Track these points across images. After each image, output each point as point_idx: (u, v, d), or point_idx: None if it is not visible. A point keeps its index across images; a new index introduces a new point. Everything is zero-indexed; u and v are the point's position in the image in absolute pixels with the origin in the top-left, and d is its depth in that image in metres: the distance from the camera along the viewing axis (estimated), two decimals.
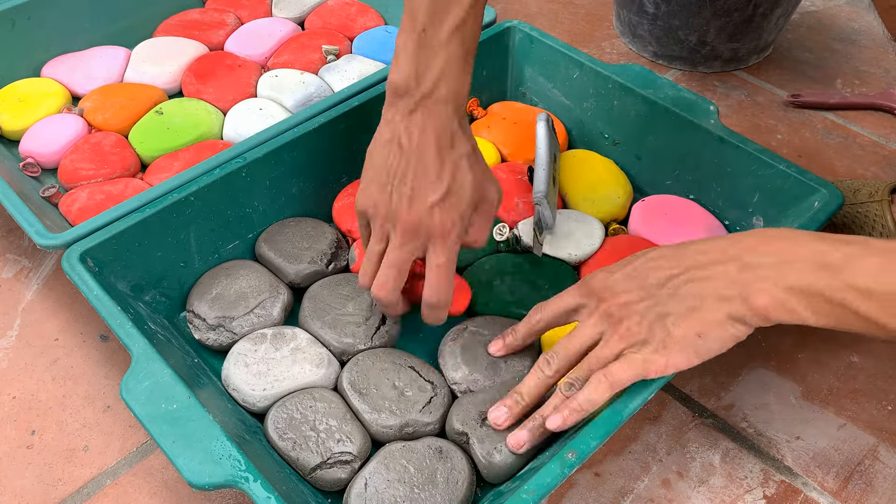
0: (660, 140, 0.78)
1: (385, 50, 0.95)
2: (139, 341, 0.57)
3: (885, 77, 1.02)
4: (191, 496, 0.62)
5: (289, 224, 0.75)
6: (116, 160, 0.81)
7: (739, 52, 1.01)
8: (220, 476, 0.50)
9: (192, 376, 0.59)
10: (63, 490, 0.62)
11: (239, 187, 0.71)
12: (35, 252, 0.80)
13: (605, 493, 0.61)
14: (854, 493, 0.61)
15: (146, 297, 0.68)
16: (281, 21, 1.00)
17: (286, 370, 0.63)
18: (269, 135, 0.73)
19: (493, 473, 0.57)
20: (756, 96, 0.99)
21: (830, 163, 0.90)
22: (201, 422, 0.53)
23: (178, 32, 0.98)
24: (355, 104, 0.76)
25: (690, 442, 0.65)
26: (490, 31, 0.84)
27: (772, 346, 0.71)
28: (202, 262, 0.71)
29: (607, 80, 0.79)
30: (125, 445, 0.65)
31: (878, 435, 0.65)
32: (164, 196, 0.68)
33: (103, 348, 0.72)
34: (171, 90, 0.93)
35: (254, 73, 0.92)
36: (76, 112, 0.88)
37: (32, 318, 0.74)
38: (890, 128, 0.94)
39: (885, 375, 0.69)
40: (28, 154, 0.83)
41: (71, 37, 0.95)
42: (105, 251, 0.64)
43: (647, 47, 1.04)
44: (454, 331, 0.66)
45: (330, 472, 0.57)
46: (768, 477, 0.62)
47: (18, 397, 0.68)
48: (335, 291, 0.69)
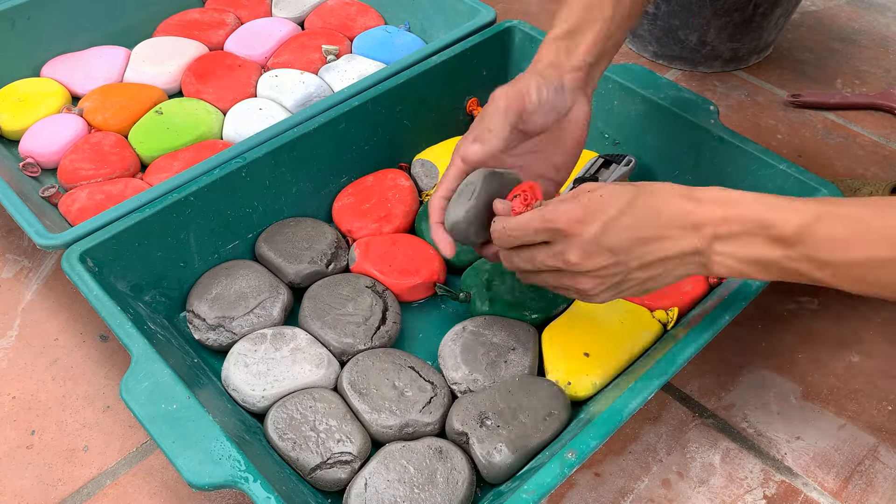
0: (660, 140, 0.78)
1: (385, 50, 0.95)
2: (139, 341, 0.57)
3: (885, 77, 1.02)
4: (191, 496, 0.62)
5: (289, 224, 0.75)
6: (116, 160, 0.81)
7: (739, 52, 1.01)
8: (220, 476, 0.50)
9: (192, 376, 0.59)
10: (63, 490, 0.62)
11: (239, 187, 0.71)
12: (35, 252, 0.80)
13: (605, 493, 0.61)
14: (854, 493, 0.61)
15: (146, 297, 0.68)
16: (281, 21, 1.00)
17: (286, 370, 0.63)
18: (269, 135, 0.73)
19: (492, 473, 0.57)
20: (756, 96, 0.99)
21: (830, 163, 0.90)
22: (201, 422, 0.53)
23: (178, 32, 0.98)
24: (355, 104, 0.76)
25: (690, 442, 0.65)
26: (490, 30, 0.84)
27: (772, 346, 0.71)
28: (202, 262, 0.71)
29: (607, 80, 0.79)
30: (125, 445, 0.65)
31: (878, 435, 0.65)
32: (164, 196, 0.68)
33: (103, 348, 0.72)
34: (171, 90, 0.93)
35: (254, 73, 0.92)
36: (76, 112, 0.88)
37: (32, 318, 0.74)
38: (890, 128, 0.94)
39: (885, 375, 0.69)
40: (28, 154, 0.83)
41: (71, 37, 0.95)
42: (105, 251, 0.64)
43: (647, 47, 1.04)
44: (454, 331, 0.66)
45: (330, 472, 0.57)
46: (768, 477, 0.62)
47: (18, 397, 0.68)
48: (335, 291, 0.69)
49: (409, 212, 0.77)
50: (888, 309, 0.74)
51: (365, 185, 0.79)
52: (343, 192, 0.79)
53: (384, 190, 0.78)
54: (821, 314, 0.74)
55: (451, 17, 0.91)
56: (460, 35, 0.84)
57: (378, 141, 0.80)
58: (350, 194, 0.78)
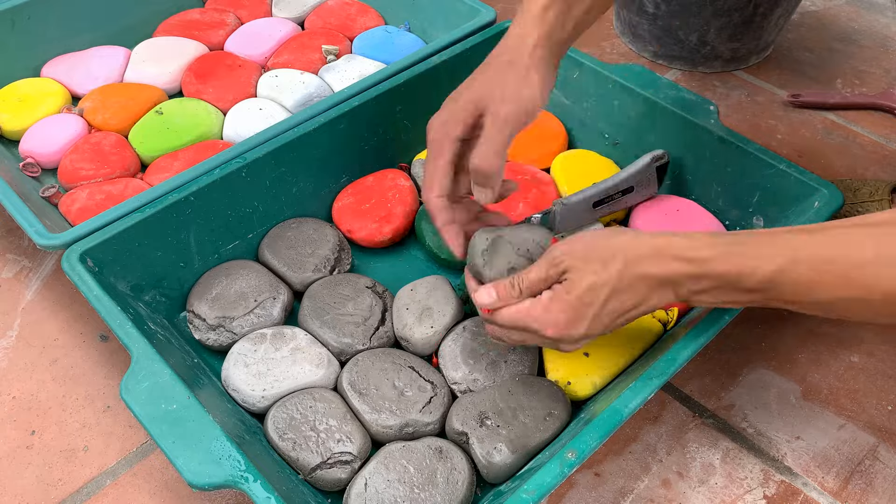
0: (660, 140, 0.78)
1: (385, 50, 0.95)
2: (139, 341, 0.57)
3: (885, 77, 1.02)
4: (191, 496, 0.62)
5: (290, 227, 0.74)
6: (116, 160, 0.81)
7: (739, 52, 1.01)
8: (220, 476, 0.50)
9: (192, 376, 0.59)
10: (63, 490, 0.62)
11: (239, 187, 0.71)
12: (35, 252, 0.80)
13: (605, 493, 0.61)
14: (854, 493, 0.61)
15: (146, 297, 0.68)
16: (281, 21, 1.00)
17: (286, 370, 0.63)
18: (269, 135, 0.73)
19: (492, 473, 0.57)
20: (756, 96, 0.99)
21: (830, 163, 0.90)
22: (201, 422, 0.53)
23: (178, 32, 0.98)
24: (355, 104, 0.76)
25: (690, 442, 0.65)
26: (490, 31, 0.84)
27: (772, 346, 0.71)
28: (202, 262, 0.71)
29: (607, 80, 0.79)
30: (125, 445, 0.65)
31: (878, 435, 0.65)
32: (164, 196, 0.68)
33: (103, 348, 0.72)
34: (171, 90, 0.93)
35: (254, 73, 0.92)
36: (76, 112, 0.88)
37: (32, 318, 0.74)
38: (890, 128, 0.94)
39: (885, 375, 0.69)
40: (28, 154, 0.83)
41: (71, 37, 0.95)
42: (105, 251, 0.64)
43: (647, 47, 1.04)
44: (455, 331, 0.66)
45: (330, 472, 0.57)
46: (768, 477, 0.62)
47: (18, 397, 0.68)
48: (335, 291, 0.69)
49: (409, 212, 0.77)
50: None
51: (365, 185, 0.79)
52: (343, 192, 0.79)
53: (384, 190, 0.78)
54: None
55: (451, 17, 0.91)
56: (460, 35, 0.84)
57: (378, 141, 0.80)
58: (350, 194, 0.78)
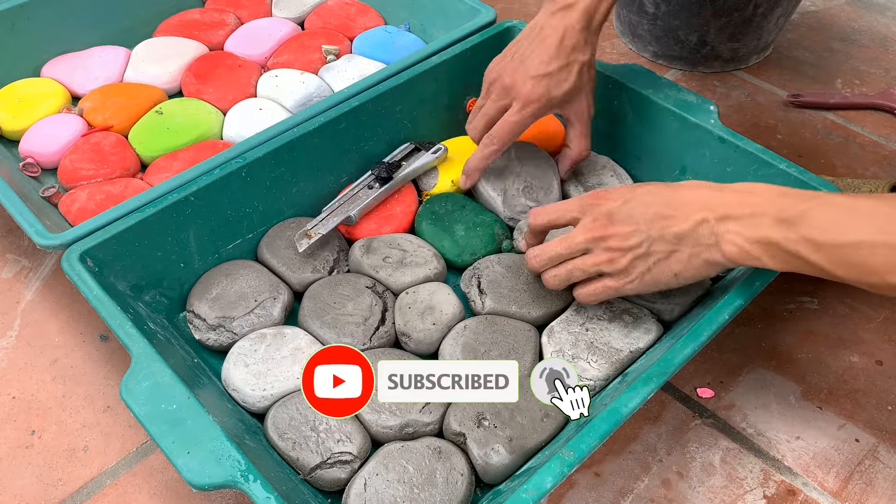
0: (660, 140, 0.78)
1: (385, 50, 0.95)
2: (139, 341, 0.57)
3: (885, 77, 1.02)
4: (191, 496, 0.62)
5: (289, 227, 0.75)
6: (116, 160, 0.81)
7: (739, 52, 1.01)
8: (220, 476, 0.50)
9: (192, 376, 0.59)
10: (63, 490, 0.62)
11: (239, 187, 0.71)
12: (35, 252, 0.80)
13: (605, 493, 0.61)
14: (854, 493, 0.61)
15: (146, 297, 0.68)
16: (281, 21, 1.00)
17: (286, 370, 0.63)
18: (269, 135, 0.73)
19: (490, 474, 0.57)
20: (756, 96, 0.99)
21: (830, 163, 0.90)
22: (201, 422, 0.53)
23: (178, 32, 0.98)
24: (355, 104, 0.76)
25: (690, 442, 0.65)
26: (490, 30, 0.84)
27: (772, 346, 0.71)
28: (202, 262, 0.71)
29: (607, 80, 0.79)
30: (125, 445, 0.65)
31: (878, 435, 0.65)
32: (164, 196, 0.68)
33: (103, 348, 0.72)
34: (171, 90, 0.93)
35: (254, 73, 0.92)
36: (76, 112, 0.88)
37: (32, 318, 0.74)
38: (890, 128, 0.94)
39: (885, 375, 0.69)
40: (28, 154, 0.83)
41: (71, 37, 0.95)
42: (105, 251, 0.64)
43: (647, 47, 1.04)
44: (454, 330, 0.66)
45: (330, 472, 0.57)
46: (768, 477, 0.62)
47: (18, 397, 0.68)
48: (335, 291, 0.69)
49: (409, 212, 0.77)
50: (888, 308, 0.74)
51: None
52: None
53: None
54: (821, 314, 0.74)
55: (451, 17, 0.91)
56: (460, 35, 0.84)
57: (378, 141, 0.80)
58: None
